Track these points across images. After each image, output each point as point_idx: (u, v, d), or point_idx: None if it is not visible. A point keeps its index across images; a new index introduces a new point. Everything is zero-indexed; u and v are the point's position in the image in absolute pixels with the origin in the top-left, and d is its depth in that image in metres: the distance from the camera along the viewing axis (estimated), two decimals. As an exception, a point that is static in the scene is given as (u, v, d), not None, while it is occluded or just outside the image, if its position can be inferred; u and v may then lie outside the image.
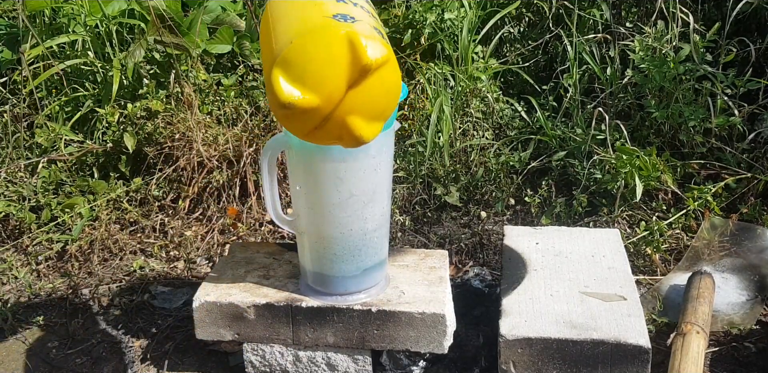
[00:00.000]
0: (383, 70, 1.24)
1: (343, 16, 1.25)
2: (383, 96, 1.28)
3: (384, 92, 1.28)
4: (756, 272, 2.04)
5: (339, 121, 1.27)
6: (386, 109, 1.31)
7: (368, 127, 1.30)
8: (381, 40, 1.25)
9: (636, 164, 2.21)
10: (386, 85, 1.27)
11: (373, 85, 1.25)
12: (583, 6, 2.68)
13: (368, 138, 1.30)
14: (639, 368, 1.60)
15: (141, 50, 2.46)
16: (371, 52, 1.21)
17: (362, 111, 1.27)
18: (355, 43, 1.21)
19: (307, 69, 1.22)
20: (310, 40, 1.21)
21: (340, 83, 1.23)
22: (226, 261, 1.90)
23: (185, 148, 2.41)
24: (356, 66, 1.21)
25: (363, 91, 1.24)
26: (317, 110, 1.25)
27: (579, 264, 1.86)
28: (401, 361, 1.76)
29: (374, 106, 1.29)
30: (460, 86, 2.58)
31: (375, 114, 1.30)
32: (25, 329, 2.05)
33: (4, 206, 2.36)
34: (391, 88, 1.29)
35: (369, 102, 1.27)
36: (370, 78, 1.23)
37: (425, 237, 2.34)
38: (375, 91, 1.26)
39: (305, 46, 1.21)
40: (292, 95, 1.23)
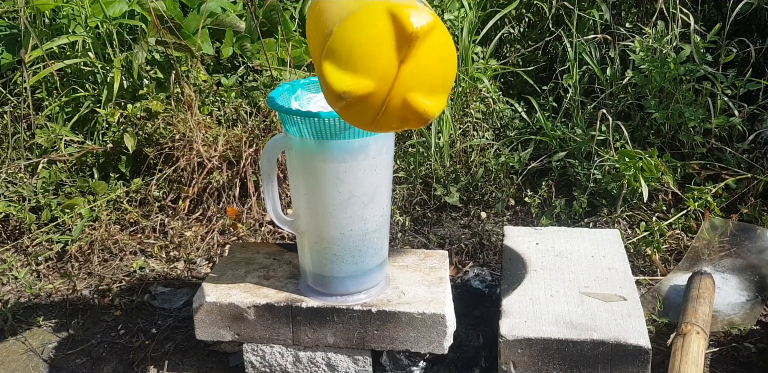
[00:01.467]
0: (431, 37, 1.19)
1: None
2: (438, 65, 1.23)
3: (438, 60, 1.22)
4: (756, 272, 2.04)
5: (400, 102, 1.23)
6: (446, 79, 1.25)
7: (432, 101, 1.24)
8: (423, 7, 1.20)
9: (639, 166, 2.21)
10: (438, 52, 1.22)
11: (425, 55, 1.20)
12: (583, 6, 2.68)
13: (434, 113, 1.25)
14: (639, 368, 1.60)
15: (143, 52, 2.46)
16: (414, 20, 1.17)
17: (421, 86, 1.23)
18: (396, 13, 1.17)
19: (354, 53, 1.19)
20: (350, 23, 1.18)
21: (391, 60, 1.19)
22: (226, 261, 1.90)
23: (185, 149, 2.41)
24: (402, 37, 1.17)
25: (416, 63, 1.20)
26: (374, 94, 1.21)
27: (579, 264, 1.86)
28: (401, 361, 1.76)
29: (432, 78, 1.23)
30: (460, 87, 2.58)
31: (435, 86, 1.24)
32: (25, 330, 2.05)
33: (4, 207, 2.36)
34: (445, 55, 1.23)
35: (425, 74, 1.22)
36: (419, 48, 1.18)
37: (425, 238, 2.34)
38: (428, 61, 1.21)
39: (347, 30, 1.18)
40: (344, 83, 1.20)
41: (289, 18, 2.70)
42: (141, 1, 2.56)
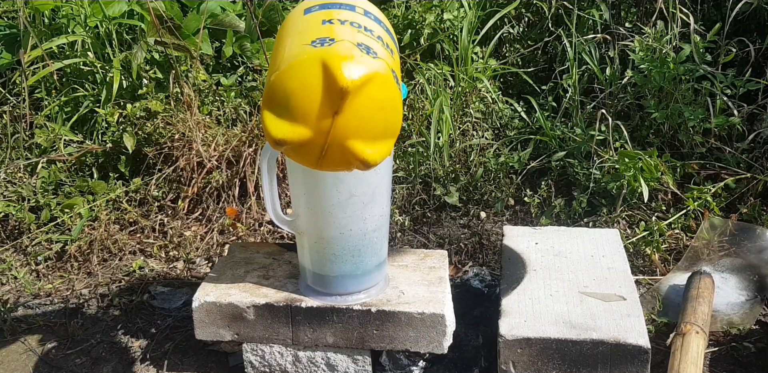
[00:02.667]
0: (369, 88, 1.16)
1: (321, 41, 1.18)
2: (379, 114, 1.20)
3: (378, 110, 1.20)
4: (755, 271, 2.04)
5: (339, 148, 1.21)
6: (388, 127, 1.23)
7: (373, 148, 1.23)
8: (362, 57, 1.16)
9: (639, 167, 2.21)
10: (378, 102, 1.19)
11: (362, 106, 1.18)
12: (582, 6, 2.68)
13: (376, 160, 1.24)
14: (638, 368, 1.60)
15: (142, 52, 2.46)
16: (346, 74, 1.14)
17: (360, 134, 1.20)
18: (327, 66, 1.14)
19: (290, 102, 1.18)
20: (287, 72, 1.17)
21: (325, 111, 1.17)
22: (225, 261, 1.90)
23: (185, 149, 2.41)
24: (334, 90, 1.15)
25: (352, 114, 1.17)
26: (312, 141, 1.21)
27: (578, 264, 1.86)
28: (401, 361, 1.76)
29: (372, 127, 1.21)
30: (459, 86, 2.58)
31: (376, 134, 1.22)
32: (25, 329, 2.05)
33: (3, 206, 2.36)
34: (386, 104, 1.20)
35: (364, 123, 1.20)
36: (355, 100, 1.16)
37: (425, 237, 2.34)
38: (366, 112, 1.19)
39: (284, 79, 1.18)
40: (280, 131, 1.20)
41: (288, 18, 2.69)
42: (140, 1, 2.56)
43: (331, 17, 1.24)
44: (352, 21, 1.25)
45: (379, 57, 1.20)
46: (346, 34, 1.21)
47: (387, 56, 1.23)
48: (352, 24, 1.24)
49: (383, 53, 1.22)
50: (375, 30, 1.27)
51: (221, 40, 2.66)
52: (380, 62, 1.19)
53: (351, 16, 1.26)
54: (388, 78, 1.19)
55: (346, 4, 1.30)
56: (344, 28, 1.23)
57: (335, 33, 1.20)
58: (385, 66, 1.19)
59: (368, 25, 1.27)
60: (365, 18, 1.29)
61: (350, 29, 1.23)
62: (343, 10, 1.27)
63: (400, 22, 2.75)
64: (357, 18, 1.27)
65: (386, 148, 1.25)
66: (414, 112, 2.59)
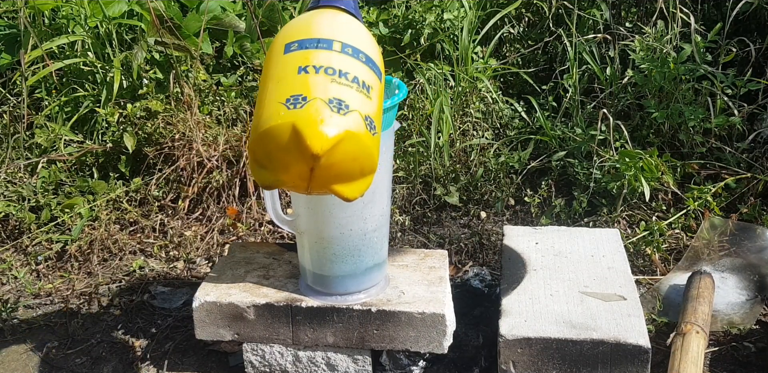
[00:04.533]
0: (340, 147, 1.23)
1: (295, 99, 1.24)
2: (353, 163, 1.28)
3: (351, 161, 1.27)
4: (755, 271, 2.04)
5: (321, 190, 1.30)
6: (364, 169, 1.31)
7: (351, 188, 1.31)
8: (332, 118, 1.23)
9: (640, 166, 2.21)
10: (351, 155, 1.26)
11: (336, 161, 1.25)
12: (582, 6, 2.68)
13: (355, 196, 1.33)
14: (639, 368, 1.60)
15: (142, 52, 2.46)
16: (318, 140, 1.21)
17: (338, 180, 1.29)
18: (298, 133, 1.22)
19: (270, 160, 1.27)
20: (264, 134, 1.25)
21: (302, 168, 1.25)
22: (225, 261, 1.90)
23: (185, 149, 2.41)
24: (307, 154, 1.22)
25: (327, 169, 1.25)
26: (296, 185, 1.30)
27: (579, 264, 1.86)
28: (401, 361, 1.76)
29: (348, 173, 1.29)
30: (460, 86, 2.58)
31: (353, 178, 1.30)
32: (25, 329, 2.05)
33: (4, 206, 2.36)
34: (359, 155, 1.27)
35: (340, 173, 1.28)
36: (328, 159, 1.23)
37: (425, 237, 2.34)
38: (340, 165, 1.26)
39: (262, 139, 1.26)
40: (265, 179, 1.30)
41: (288, 18, 2.70)
42: (140, 1, 2.56)
43: (307, 63, 1.29)
44: (327, 67, 1.29)
45: (351, 110, 1.26)
46: (319, 88, 1.26)
47: (362, 102, 1.29)
48: (326, 71, 1.29)
49: (358, 102, 1.28)
50: (351, 70, 1.31)
51: (221, 40, 2.66)
52: (351, 117, 1.25)
53: (327, 59, 1.30)
54: (358, 134, 1.26)
55: (323, 39, 1.32)
56: (318, 80, 1.27)
57: (309, 88, 1.26)
58: (356, 120, 1.26)
59: (343, 66, 1.30)
60: (341, 57, 1.32)
61: (324, 79, 1.28)
62: (320, 50, 1.31)
63: (400, 22, 2.75)
64: (332, 60, 1.31)
65: (365, 185, 1.33)
66: (414, 112, 2.59)
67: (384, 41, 2.77)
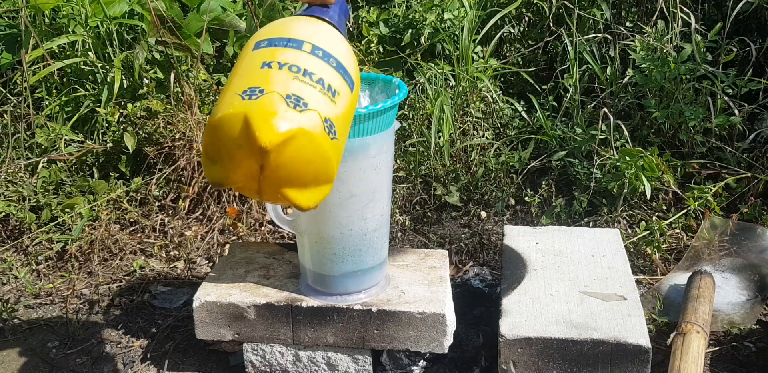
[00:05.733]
0: (292, 144, 1.17)
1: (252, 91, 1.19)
2: (307, 167, 1.21)
3: (305, 163, 1.21)
4: (756, 271, 2.04)
5: (273, 193, 1.24)
6: (318, 176, 1.24)
7: (304, 195, 1.24)
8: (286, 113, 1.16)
9: (640, 165, 2.21)
10: (304, 156, 1.20)
11: (286, 161, 1.18)
12: (583, 6, 2.68)
13: (309, 206, 1.26)
14: (639, 367, 1.59)
15: (143, 52, 2.46)
16: (267, 132, 1.15)
17: (290, 183, 1.22)
18: (248, 124, 1.15)
19: (220, 153, 1.20)
20: (216, 125, 1.19)
21: (251, 164, 1.18)
22: (226, 261, 1.90)
23: (185, 148, 2.41)
24: (255, 148, 1.16)
25: (277, 168, 1.18)
26: (246, 186, 1.23)
27: (579, 264, 1.86)
28: (401, 361, 1.76)
29: (302, 177, 1.22)
30: (460, 86, 2.58)
31: (306, 183, 1.23)
32: (25, 329, 2.05)
33: (4, 206, 2.36)
34: (313, 158, 1.21)
35: (292, 175, 1.21)
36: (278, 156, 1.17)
37: (425, 237, 2.34)
38: (292, 166, 1.20)
39: (213, 129, 1.20)
40: (215, 176, 1.23)
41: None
42: (141, 1, 2.56)
43: (273, 59, 1.24)
44: (292, 64, 1.24)
45: (309, 109, 1.19)
46: (279, 82, 1.21)
47: (325, 105, 1.23)
48: (290, 68, 1.23)
49: (319, 103, 1.22)
50: (317, 72, 1.25)
51: (221, 39, 2.66)
52: (308, 116, 1.19)
53: (294, 57, 1.25)
54: (313, 133, 1.19)
55: (294, 39, 1.28)
56: (280, 75, 1.22)
57: (269, 81, 1.20)
58: (314, 119, 1.19)
59: (309, 67, 1.25)
60: (310, 57, 1.27)
61: (286, 75, 1.22)
62: (288, 48, 1.26)
63: (400, 22, 2.75)
64: (300, 59, 1.25)
65: (320, 195, 1.27)
66: (414, 112, 2.59)
67: (384, 41, 2.77)
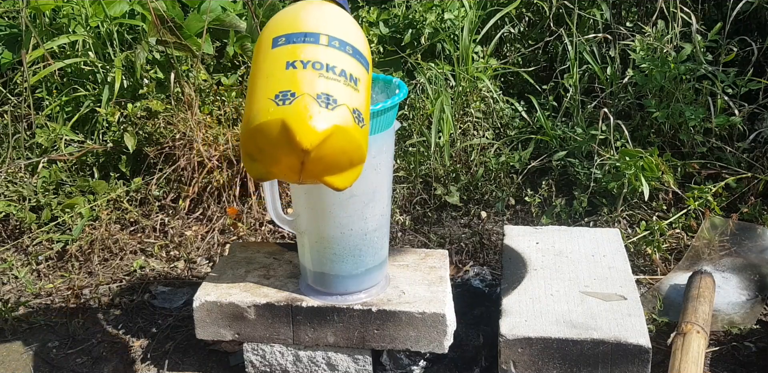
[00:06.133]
0: (329, 141, 1.26)
1: (284, 95, 1.27)
2: (342, 156, 1.31)
3: (341, 154, 1.30)
4: (756, 271, 2.04)
5: (313, 179, 1.33)
6: (353, 161, 1.33)
7: (341, 178, 1.34)
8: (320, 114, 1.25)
9: (640, 165, 2.21)
10: (339, 149, 1.29)
11: (325, 155, 1.27)
12: (583, 6, 2.68)
13: (345, 187, 1.35)
14: (639, 367, 1.59)
15: (144, 52, 2.47)
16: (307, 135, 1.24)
17: (328, 171, 1.32)
18: (288, 129, 1.24)
19: (262, 154, 1.29)
20: (254, 131, 1.27)
21: (293, 162, 1.28)
22: (226, 261, 1.90)
23: (185, 148, 2.41)
24: (297, 149, 1.25)
25: (317, 162, 1.28)
26: (288, 176, 1.32)
27: (579, 264, 1.86)
28: (401, 361, 1.76)
29: (338, 165, 1.32)
30: (460, 86, 2.58)
31: (342, 169, 1.33)
32: (26, 329, 2.05)
33: (4, 206, 2.36)
34: (347, 148, 1.30)
35: (330, 165, 1.30)
36: (318, 153, 1.26)
37: (425, 237, 2.34)
38: (330, 158, 1.29)
39: (252, 136, 1.28)
40: (257, 172, 1.33)
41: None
42: (141, 1, 2.56)
43: (295, 58, 1.31)
44: (315, 61, 1.31)
45: (339, 104, 1.28)
46: (307, 83, 1.28)
47: (350, 96, 1.31)
48: (314, 66, 1.30)
49: (346, 95, 1.30)
50: (338, 64, 1.33)
51: (222, 39, 2.66)
52: (339, 111, 1.27)
53: (314, 53, 1.32)
54: (347, 128, 1.28)
55: (311, 33, 1.34)
56: (306, 75, 1.29)
57: (297, 83, 1.28)
58: (345, 113, 1.28)
59: (331, 60, 1.32)
60: (328, 50, 1.34)
61: (312, 74, 1.29)
62: (307, 44, 1.33)
63: (400, 22, 2.75)
64: (320, 54, 1.32)
65: (355, 175, 1.36)
66: (415, 112, 2.59)
67: (384, 41, 2.77)
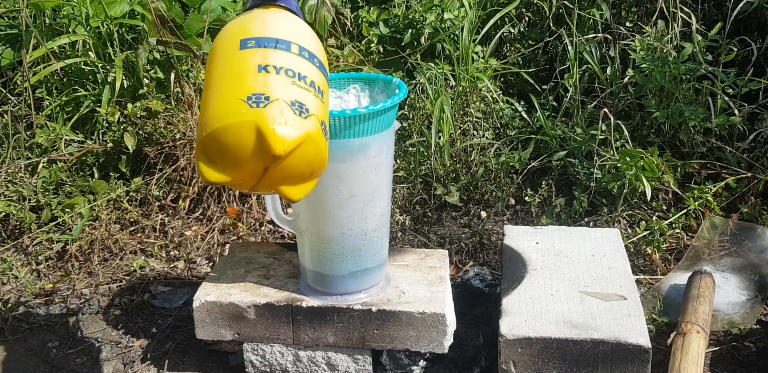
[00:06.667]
0: (299, 149, 1.24)
1: (257, 98, 1.24)
2: (305, 167, 1.29)
3: (305, 164, 1.28)
4: (756, 271, 2.04)
5: (267, 189, 1.31)
6: (314, 173, 1.32)
7: (296, 190, 1.32)
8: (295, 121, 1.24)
9: (641, 166, 2.21)
10: (306, 159, 1.27)
11: (291, 163, 1.26)
12: (583, 6, 2.68)
13: (299, 198, 1.34)
14: (639, 367, 1.59)
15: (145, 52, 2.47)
16: (281, 142, 1.21)
17: (287, 181, 1.30)
18: (263, 134, 1.21)
19: (224, 156, 1.25)
20: (222, 130, 1.23)
21: (257, 166, 1.25)
22: (226, 261, 1.90)
23: (185, 148, 2.41)
24: (268, 155, 1.22)
25: (281, 169, 1.26)
26: (243, 183, 1.29)
27: (579, 264, 1.86)
28: (401, 361, 1.76)
29: (298, 176, 1.30)
30: (460, 86, 2.58)
31: (302, 180, 1.32)
32: (25, 329, 2.05)
33: (4, 206, 2.36)
34: (313, 159, 1.29)
35: (291, 175, 1.29)
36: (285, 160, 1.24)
37: (425, 237, 2.34)
38: (294, 167, 1.27)
39: (218, 136, 1.24)
40: (212, 176, 1.28)
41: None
42: (142, 1, 2.56)
43: (267, 62, 1.29)
44: (288, 68, 1.30)
45: (311, 114, 1.27)
46: (280, 89, 1.26)
47: (318, 107, 1.30)
48: (287, 73, 1.29)
49: (315, 106, 1.29)
50: (309, 75, 1.32)
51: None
52: (311, 121, 1.26)
53: (286, 60, 1.30)
54: (317, 138, 1.27)
55: (282, 40, 1.32)
56: (279, 81, 1.28)
57: (270, 88, 1.26)
58: (315, 124, 1.27)
59: (302, 70, 1.31)
60: (299, 59, 1.32)
61: (285, 81, 1.28)
62: (278, 50, 1.31)
63: (400, 22, 2.75)
64: (291, 62, 1.31)
65: (310, 187, 1.35)
66: (414, 112, 2.59)
67: (384, 41, 2.77)
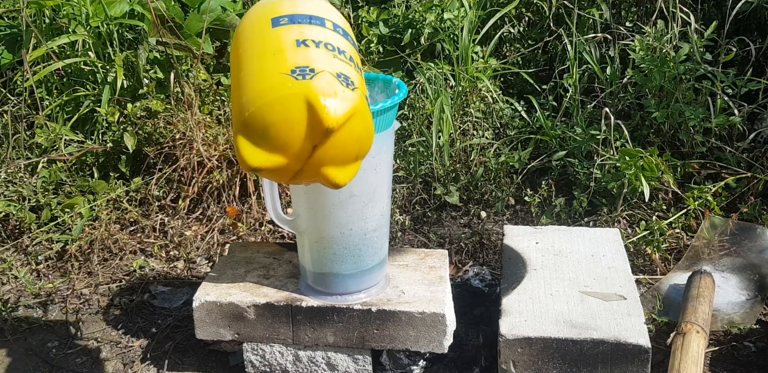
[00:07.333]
0: (350, 123, 1.18)
1: (302, 70, 1.18)
2: (355, 144, 1.23)
3: (355, 141, 1.23)
4: (756, 271, 2.04)
5: (313, 172, 1.25)
6: (360, 153, 1.26)
7: (343, 173, 1.26)
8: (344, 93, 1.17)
9: (640, 165, 2.21)
10: (356, 134, 1.21)
11: (342, 139, 1.20)
12: (582, 5, 2.68)
13: (345, 182, 1.28)
14: (639, 367, 1.60)
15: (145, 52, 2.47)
16: (333, 114, 1.16)
17: (334, 161, 1.24)
18: (314, 106, 1.15)
19: (270, 134, 1.19)
20: (268, 106, 1.17)
21: (306, 144, 1.19)
22: (226, 261, 1.90)
23: (185, 148, 2.41)
24: (319, 129, 1.16)
25: (331, 146, 1.20)
26: (288, 167, 1.23)
27: (579, 264, 1.86)
28: (401, 360, 1.76)
29: (347, 154, 1.24)
30: (460, 86, 2.58)
31: (348, 160, 1.26)
32: (25, 329, 2.05)
33: (4, 206, 2.36)
34: (362, 135, 1.23)
35: (341, 152, 1.23)
36: (336, 135, 1.18)
37: (425, 237, 2.34)
38: (344, 144, 1.21)
39: (264, 112, 1.17)
40: (256, 159, 1.21)
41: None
42: (142, 1, 2.56)
43: (305, 37, 1.23)
44: (326, 42, 1.24)
45: (356, 87, 1.21)
46: (323, 61, 1.21)
47: (361, 82, 1.24)
48: (326, 46, 1.24)
49: (358, 80, 1.24)
50: (346, 49, 1.27)
51: (222, 39, 2.66)
52: (358, 94, 1.20)
53: (323, 34, 1.25)
54: (366, 112, 1.22)
55: (315, 16, 1.28)
56: (320, 54, 1.22)
57: (313, 60, 1.20)
58: (362, 97, 1.21)
59: (340, 44, 1.26)
60: (335, 35, 1.28)
61: (326, 54, 1.23)
62: (314, 25, 1.26)
63: (400, 22, 2.75)
64: (329, 37, 1.26)
65: (355, 170, 1.29)
66: (414, 112, 2.59)
67: (384, 41, 2.77)
